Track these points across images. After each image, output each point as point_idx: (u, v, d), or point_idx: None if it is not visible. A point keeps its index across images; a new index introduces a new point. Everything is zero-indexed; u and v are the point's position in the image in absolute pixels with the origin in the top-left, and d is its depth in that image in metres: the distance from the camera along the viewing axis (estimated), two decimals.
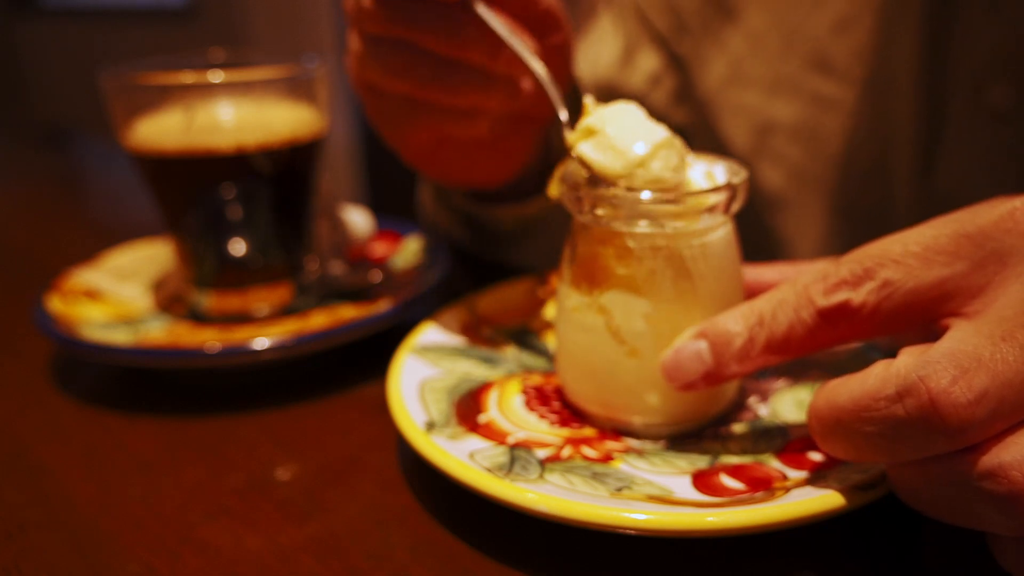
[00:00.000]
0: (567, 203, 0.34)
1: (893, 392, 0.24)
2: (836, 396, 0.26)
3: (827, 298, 0.28)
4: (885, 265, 0.27)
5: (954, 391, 0.23)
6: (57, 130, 1.74)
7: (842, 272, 0.28)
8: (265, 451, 0.38)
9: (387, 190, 0.66)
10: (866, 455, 0.26)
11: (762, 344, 0.29)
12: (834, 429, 0.26)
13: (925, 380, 0.23)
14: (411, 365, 0.38)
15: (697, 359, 0.31)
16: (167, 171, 0.46)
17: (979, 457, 0.23)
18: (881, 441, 0.25)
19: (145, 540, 0.32)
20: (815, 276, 0.29)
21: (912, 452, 0.24)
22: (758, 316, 0.30)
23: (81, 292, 0.50)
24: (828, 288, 0.28)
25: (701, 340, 0.31)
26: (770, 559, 0.29)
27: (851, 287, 0.28)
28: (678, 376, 0.31)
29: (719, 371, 0.30)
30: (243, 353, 0.41)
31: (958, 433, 0.23)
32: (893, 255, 0.27)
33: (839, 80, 0.51)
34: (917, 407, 0.23)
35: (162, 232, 0.51)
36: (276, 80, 0.46)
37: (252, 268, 0.48)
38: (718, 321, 0.30)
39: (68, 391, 0.44)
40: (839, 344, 0.29)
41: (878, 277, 0.27)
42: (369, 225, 0.55)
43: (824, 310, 0.28)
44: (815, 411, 0.27)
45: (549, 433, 0.34)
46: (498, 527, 0.31)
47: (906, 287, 0.27)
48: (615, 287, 0.33)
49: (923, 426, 0.23)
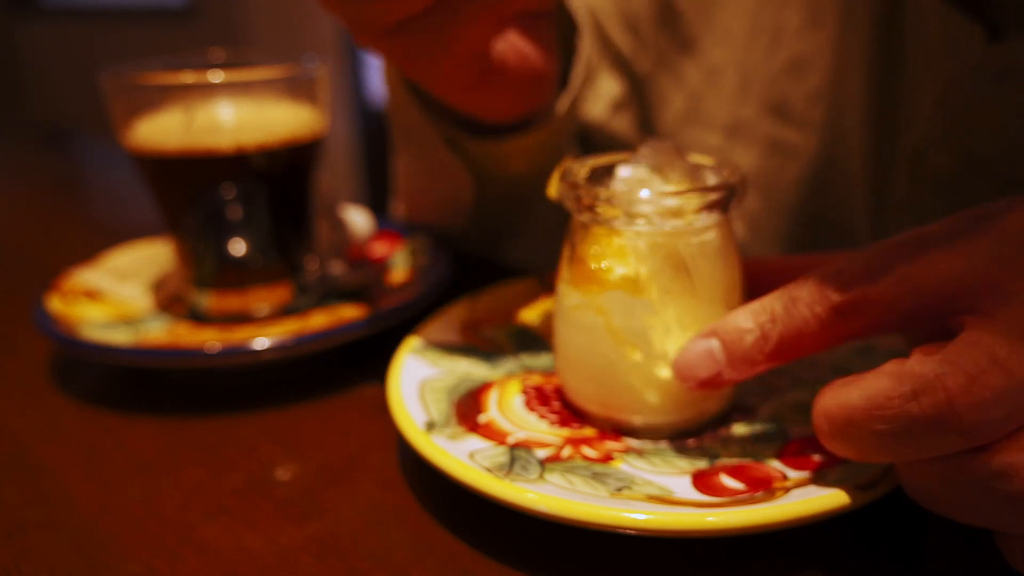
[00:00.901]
0: (566, 202, 0.34)
1: (908, 390, 0.24)
2: (847, 395, 0.26)
3: (842, 293, 0.28)
4: (902, 260, 0.27)
5: (971, 390, 0.23)
6: (57, 130, 1.74)
7: (857, 266, 0.28)
8: (265, 451, 0.38)
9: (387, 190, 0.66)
10: (877, 455, 0.26)
11: (775, 341, 0.29)
12: (845, 428, 0.26)
13: (942, 378, 0.23)
14: (411, 365, 0.38)
15: (709, 357, 0.30)
16: (167, 171, 0.46)
17: (993, 456, 0.23)
18: (894, 440, 0.25)
19: (145, 540, 0.32)
20: (829, 271, 0.28)
21: (925, 451, 0.24)
22: (770, 313, 0.29)
23: (81, 292, 0.50)
24: (843, 283, 0.28)
25: (712, 338, 0.30)
26: (770, 559, 0.29)
27: (867, 282, 0.27)
28: (690, 375, 0.31)
29: (732, 368, 0.30)
30: (243, 353, 0.41)
31: (974, 432, 0.23)
32: (909, 250, 0.27)
33: (796, 126, 0.50)
34: (933, 405, 0.23)
35: (162, 232, 0.51)
36: (276, 80, 0.46)
37: (252, 268, 0.48)
38: (729, 319, 0.30)
39: (68, 391, 0.44)
40: (853, 340, 0.29)
41: (895, 272, 0.27)
42: (369, 225, 0.55)
43: (839, 305, 0.28)
44: (824, 411, 0.27)
45: (549, 433, 0.34)
46: (498, 527, 0.31)
47: (923, 282, 0.26)
48: (614, 286, 0.33)
49: (939, 425, 0.23)
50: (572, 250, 0.35)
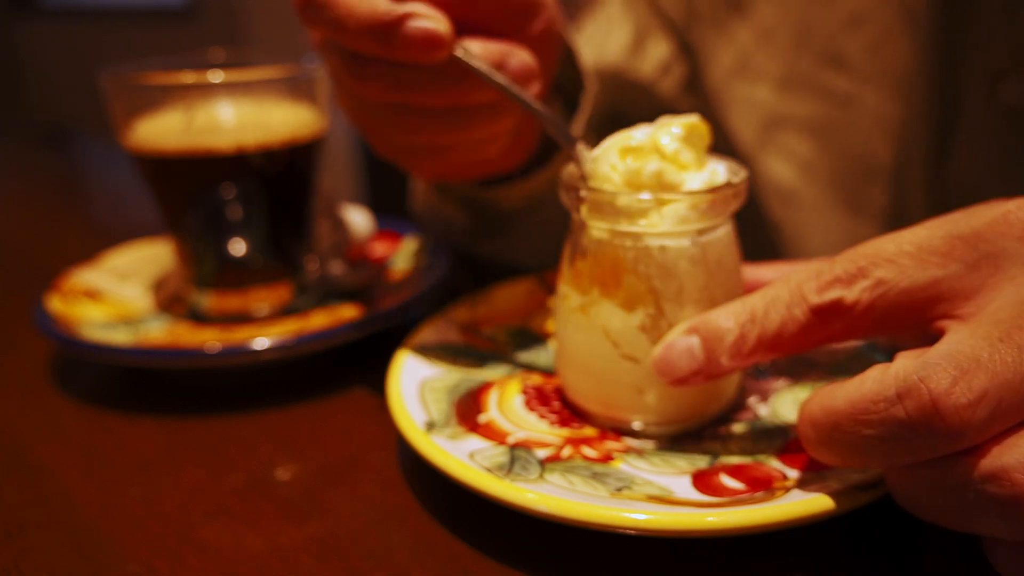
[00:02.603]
0: (567, 203, 0.34)
1: (893, 394, 0.24)
2: (832, 400, 0.26)
3: (820, 295, 0.28)
4: (879, 264, 0.27)
5: (955, 392, 0.23)
6: (57, 130, 1.74)
7: (836, 270, 0.28)
8: (265, 451, 0.38)
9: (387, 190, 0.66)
10: (863, 460, 0.26)
11: (753, 341, 0.29)
12: (830, 434, 0.26)
13: (925, 381, 0.23)
14: (411, 365, 0.38)
15: (688, 355, 0.31)
16: (167, 171, 0.46)
17: (980, 460, 0.23)
18: (879, 444, 0.25)
19: (145, 540, 0.32)
20: (808, 273, 0.29)
21: (911, 455, 0.24)
22: (750, 313, 0.29)
23: (81, 292, 0.50)
24: (821, 286, 0.28)
25: (693, 336, 0.31)
26: (770, 559, 0.29)
27: (844, 285, 0.28)
28: (669, 371, 0.31)
29: (710, 367, 0.30)
30: (243, 353, 0.41)
31: (958, 434, 0.23)
32: (887, 254, 0.27)
33: (852, 76, 0.51)
34: (918, 408, 0.23)
35: (162, 232, 0.51)
36: (276, 80, 0.46)
37: (252, 268, 0.48)
38: (710, 317, 0.31)
39: (68, 391, 0.44)
40: (832, 342, 0.29)
41: (872, 276, 0.27)
42: (369, 225, 0.55)
43: (817, 307, 0.28)
44: (809, 417, 0.27)
45: (549, 433, 0.34)
46: (498, 527, 0.31)
47: (899, 286, 0.27)
48: (614, 286, 0.33)
49: (923, 428, 0.23)
50: (572, 250, 0.35)
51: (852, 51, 0.51)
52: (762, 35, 0.54)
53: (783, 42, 0.54)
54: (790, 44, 0.53)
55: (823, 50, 0.52)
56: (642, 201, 0.32)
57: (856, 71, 0.51)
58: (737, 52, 0.56)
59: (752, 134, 0.55)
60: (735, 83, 0.56)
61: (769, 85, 0.55)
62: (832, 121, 0.53)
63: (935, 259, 0.27)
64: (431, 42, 0.34)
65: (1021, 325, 0.24)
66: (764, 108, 0.55)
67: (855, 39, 0.51)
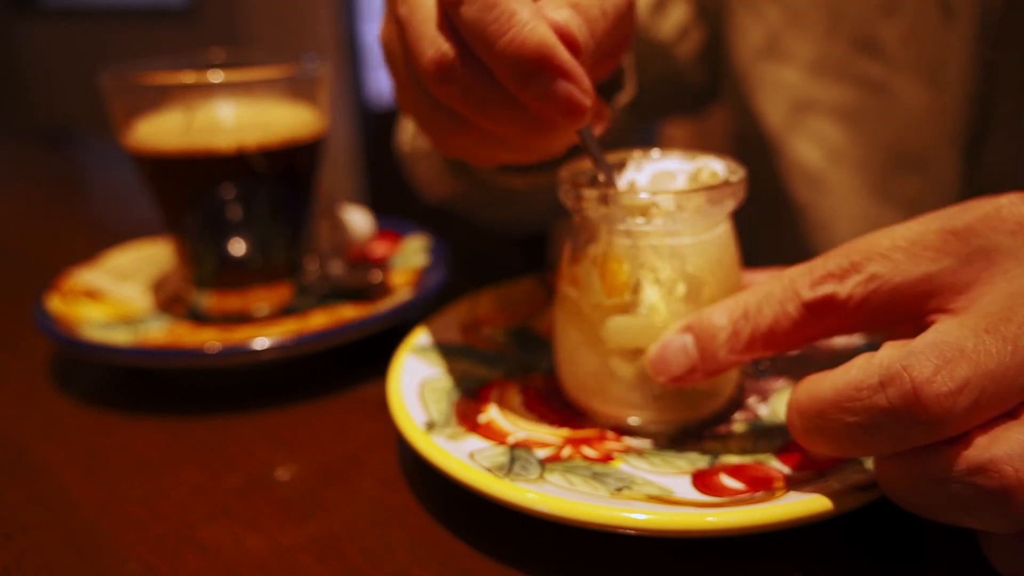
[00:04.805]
0: (567, 202, 0.34)
1: (876, 382, 0.24)
2: (818, 388, 0.26)
3: (813, 291, 0.28)
4: (872, 259, 0.27)
5: (936, 380, 0.23)
6: (57, 130, 1.74)
7: (829, 265, 0.28)
8: (265, 451, 0.38)
9: (387, 190, 0.66)
10: (847, 449, 0.26)
11: (747, 337, 0.29)
12: (816, 422, 0.26)
13: (908, 369, 0.23)
14: (411, 365, 0.38)
15: (682, 353, 0.31)
16: (167, 171, 0.46)
17: (968, 452, 0.23)
18: (863, 432, 0.25)
19: (145, 540, 0.32)
20: (801, 269, 0.29)
21: (893, 443, 0.25)
22: (743, 309, 0.30)
23: (81, 292, 0.50)
24: (814, 281, 0.28)
25: (687, 334, 0.31)
26: (770, 559, 0.29)
27: (837, 280, 0.28)
28: (664, 370, 0.31)
29: (705, 364, 0.30)
30: (243, 353, 0.41)
31: (939, 422, 0.23)
32: (880, 249, 0.27)
33: (887, 64, 0.51)
34: (899, 396, 0.23)
35: (162, 232, 0.51)
36: (276, 80, 0.46)
37: (252, 268, 0.48)
38: (703, 315, 0.31)
39: (68, 391, 0.44)
40: (826, 338, 0.29)
41: (865, 271, 0.27)
42: (369, 225, 0.55)
43: (810, 303, 0.28)
44: (796, 405, 0.27)
45: (549, 433, 0.34)
46: (498, 527, 0.31)
47: (893, 281, 0.27)
48: (614, 285, 0.33)
49: (905, 415, 0.23)
50: (572, 249, 0.35)
51: (887, 39, 0.50)
52: (792, 16, 0.54)
53: (814, 25, 0.53)
54: (822, 28, 0.53)
55: (856, 36, 0.52)
56: (641, 200, 0.32)
57: (890, 59, 0.51)
58: (766, 31, 0.55)
59: (780, 116, 0.55)
60: (763, 63, 0.56)
61: (799, 67, 0.54)
62: (864, 108, 0.52)
63: (928, 254, 0.27)
64: (570, 111, 0.29)
65: (1009, 317, 0.24)
66: (793, 90, 0.54)
67: (889, 27, 0.50)
